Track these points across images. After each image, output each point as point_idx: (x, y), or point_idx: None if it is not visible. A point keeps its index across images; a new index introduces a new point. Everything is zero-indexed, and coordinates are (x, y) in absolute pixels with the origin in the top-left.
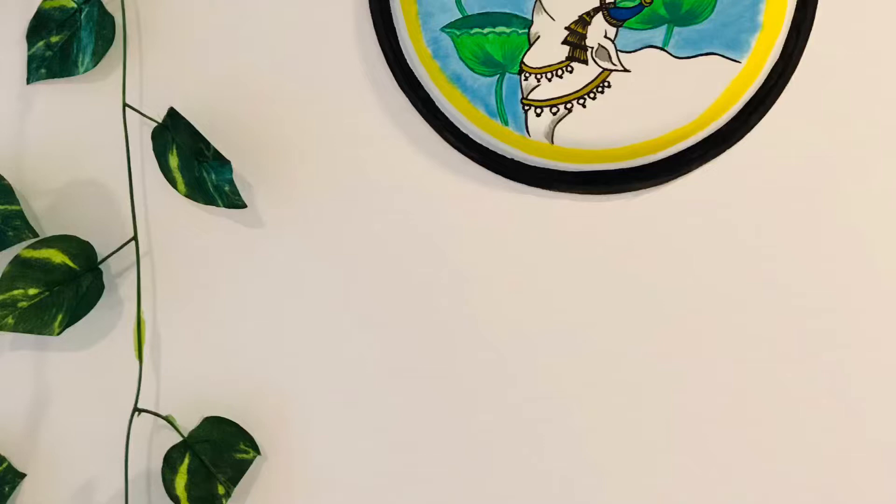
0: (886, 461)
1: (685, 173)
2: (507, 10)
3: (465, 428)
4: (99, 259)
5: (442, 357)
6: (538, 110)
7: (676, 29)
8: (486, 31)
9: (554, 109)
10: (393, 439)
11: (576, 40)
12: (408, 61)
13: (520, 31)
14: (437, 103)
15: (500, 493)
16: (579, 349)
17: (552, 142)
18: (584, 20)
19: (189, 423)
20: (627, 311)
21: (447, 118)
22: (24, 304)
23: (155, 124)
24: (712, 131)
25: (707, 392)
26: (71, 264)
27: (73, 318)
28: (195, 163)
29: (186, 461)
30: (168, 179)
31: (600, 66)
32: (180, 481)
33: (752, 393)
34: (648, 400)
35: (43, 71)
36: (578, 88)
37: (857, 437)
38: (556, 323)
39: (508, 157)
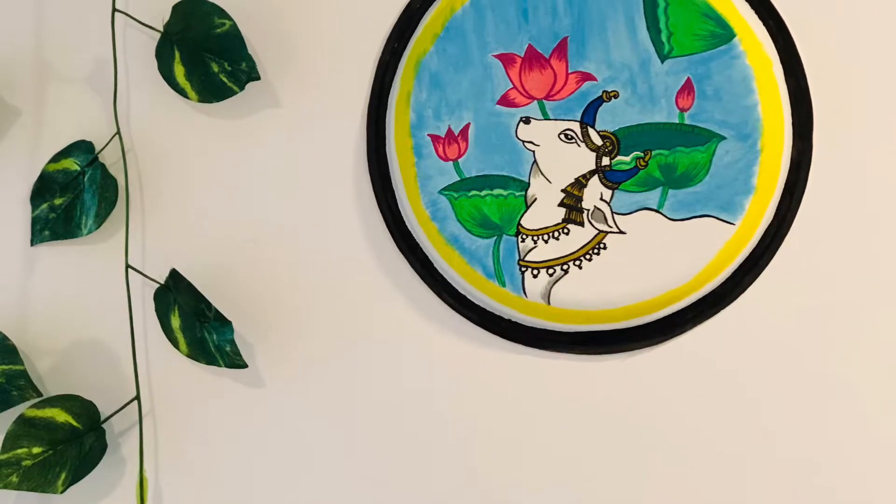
0: None
1: (679, 334)
2: (505, 173)
3: None
4: (102, 418)
5: None
6: (535, 271)
7: (671, 191)
8: (483, 193)
9: (550, 271)
10: None
11: (572, 202)
12: (406, 223)
13: (517, 194)
14: (435, 264)
15: None
16: None
17: (549, 303)
18: (581, 182)
19: None
20: (624, 469)
21: (445, 279)
22: (28, 462)
23: (157, 285)
24: (706, 292)
25: None
26: (74, 423)
27: (76, 476)
28: (197, 323)
29: None
30: (170, 340)
31: (596, 228)
32: None
33: None
34: None
35: (46, 233)
36: (574, 250)
37: None
38: (555, 481)
39: (506, 317)
